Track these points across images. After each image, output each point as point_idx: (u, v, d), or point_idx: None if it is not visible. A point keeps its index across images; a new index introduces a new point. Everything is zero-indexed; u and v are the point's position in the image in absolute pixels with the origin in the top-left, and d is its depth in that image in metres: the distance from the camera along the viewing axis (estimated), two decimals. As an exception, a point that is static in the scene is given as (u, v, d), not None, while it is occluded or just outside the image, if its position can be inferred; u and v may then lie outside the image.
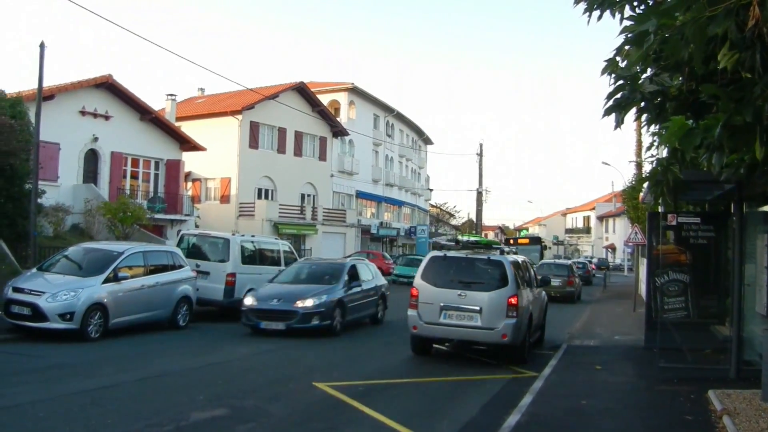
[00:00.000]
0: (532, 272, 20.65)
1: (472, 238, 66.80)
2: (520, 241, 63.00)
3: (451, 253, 18.06)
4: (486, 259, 17.50)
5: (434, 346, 18.49)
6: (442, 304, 16.83)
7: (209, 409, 11.38)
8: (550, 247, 58.47)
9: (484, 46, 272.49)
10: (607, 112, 7.69)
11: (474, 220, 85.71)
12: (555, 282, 36.44)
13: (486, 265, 17.35)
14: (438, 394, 13.52)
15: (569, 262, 51.58)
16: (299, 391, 13.16)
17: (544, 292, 21.99)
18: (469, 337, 17.09)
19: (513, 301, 16.54)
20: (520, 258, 20.09)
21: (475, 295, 16.68)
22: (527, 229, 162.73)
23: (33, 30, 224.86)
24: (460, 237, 69.02)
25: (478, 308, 16.58)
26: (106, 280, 18.98)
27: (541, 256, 60.32)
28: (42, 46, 25.39)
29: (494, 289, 16.73)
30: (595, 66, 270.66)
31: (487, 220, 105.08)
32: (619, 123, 7.78)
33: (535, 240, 67.04)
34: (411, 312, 17.21)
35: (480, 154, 71.33)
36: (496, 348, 17.38)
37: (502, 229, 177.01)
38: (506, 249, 32.25)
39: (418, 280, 17.42)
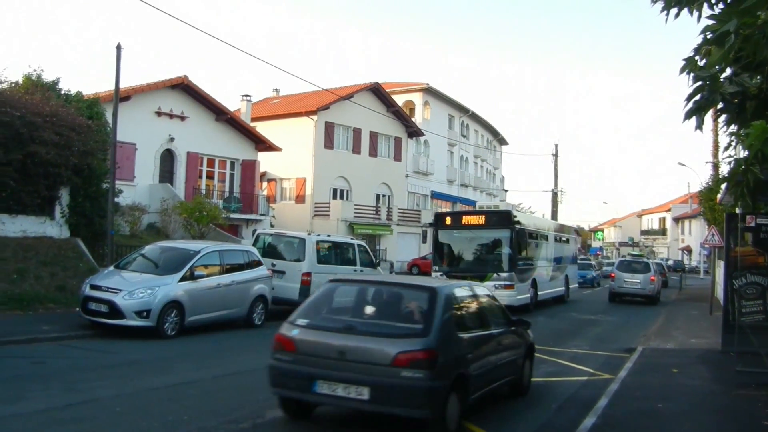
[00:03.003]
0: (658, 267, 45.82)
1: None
2: (467, 219, 31.13)
3: (627, 258, 43.90)
4: (642, 261, 42.56)
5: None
6: (624, 279, 40.03)
7: (286, 407, 11.25)
8: (535, 236, 33.43)
9: (558, 46, 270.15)
10: (688, 116, 7.36)
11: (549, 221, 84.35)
12: None
13: (641, 263, 41.73)
14: (512, 394, 13.11)
15: (651, 261, 55.38)
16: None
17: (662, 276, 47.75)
18: (634, 292, 39.78)
19: (653, 278, 39.92)
20: (652, 259, 50.42)
21: (637, 275, 39.79)
22: (601, 232, 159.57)
23: (110, 32, 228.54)
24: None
25: (639, 281, 39.54)
26: (183, 279, 19.13)
27: (515, 251, 29.36)
28: (119, 48, 25.46)
29: (645, 273, 39.89)
30: (672, 64, 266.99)
31: (562, 221, 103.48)
32: (699, 125, 7.43)
33: (500, 219, 30.48)
34: (611, 282, 40.83)
35: (555, 155, 69.99)
36: (646, 298, 39.60)
37: (577, 231, 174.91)
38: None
39: (614, 270, 41.71)
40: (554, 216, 68.34)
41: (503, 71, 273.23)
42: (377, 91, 59.54)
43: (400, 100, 65.73)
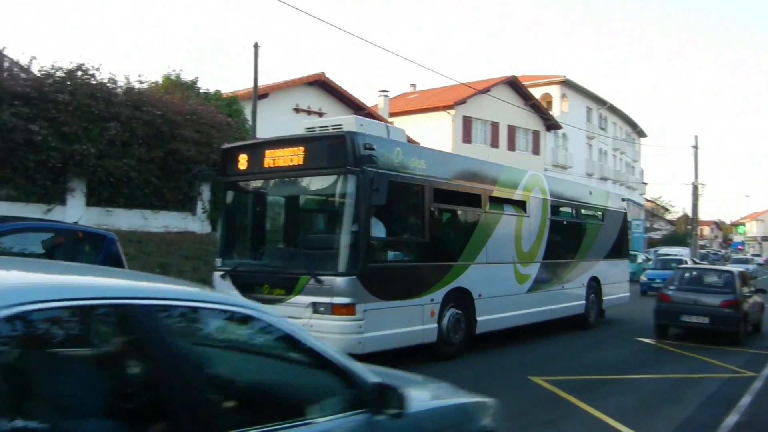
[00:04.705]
0: None
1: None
2: (273, 156, 13.92)
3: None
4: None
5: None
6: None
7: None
8: (464, 198, 16.05)
9: (693, 38, 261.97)
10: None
11: (689, 215, 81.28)
12: None
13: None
14: (653, 391, 13.09)
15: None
16: (514, 385, 12.79)
17: None
18: None
19: None
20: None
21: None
22: (743, 225, 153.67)
23: (247, 31, 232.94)
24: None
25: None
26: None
27: (368, 225, 12.88)
28: (256, 46, 25.50)
29: None
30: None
31: (703, 215, 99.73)
32: None
33: (330, 152, 13.36)
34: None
35: (695, 147, 67.02)
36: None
37: (718, 225, 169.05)
38: None
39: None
40: (695, 209, 64.92)
41: (640, 62, 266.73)
42: (514, 84, 58.06)
43: (536, 93, 63.96)
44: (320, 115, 39.42)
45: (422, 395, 5.10)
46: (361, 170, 12.65)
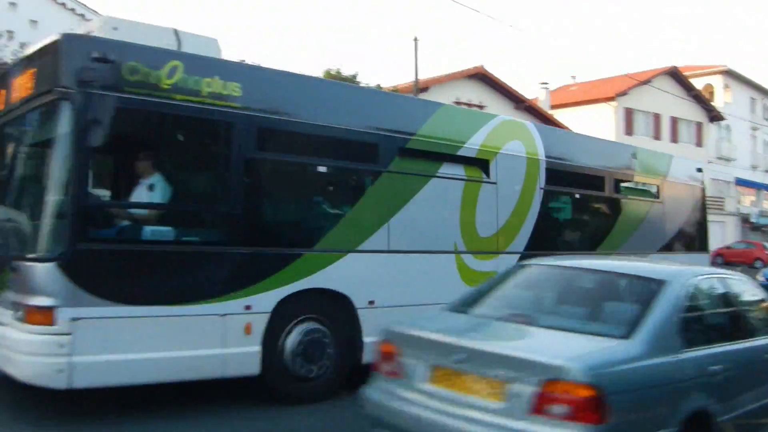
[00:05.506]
0: None
1: None
2: (9, 90, 8.85)
3: None
4: None
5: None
6: None
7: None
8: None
9: None
10: None
11: None
12: None
13: None
14: None
15: None
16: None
17: None
18: None
19: None
20: None
21: None
22: None
23: (407, 25, 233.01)
24: None
25: None
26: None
27: (79, 179, 7.35)
28: (416, 40, 24.95)
29: None
30: None
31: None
32: None
33: (41, 72, 8.01)
34: None
35: None
36: None
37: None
38: None
39: None
40: None
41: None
42: (675, 75, 55.75)
43: (697, 83, 60.83)
44: (480, 107, 38.58)
45: None
46: (79, 92, 7.38)
